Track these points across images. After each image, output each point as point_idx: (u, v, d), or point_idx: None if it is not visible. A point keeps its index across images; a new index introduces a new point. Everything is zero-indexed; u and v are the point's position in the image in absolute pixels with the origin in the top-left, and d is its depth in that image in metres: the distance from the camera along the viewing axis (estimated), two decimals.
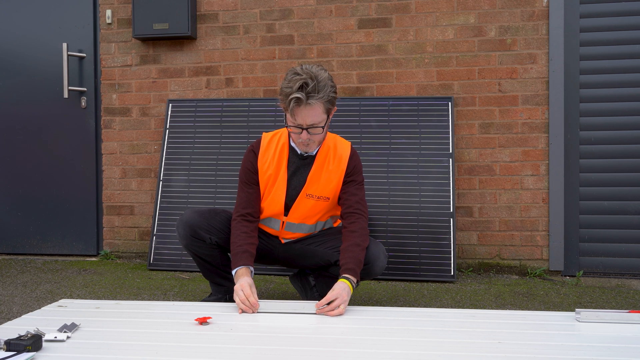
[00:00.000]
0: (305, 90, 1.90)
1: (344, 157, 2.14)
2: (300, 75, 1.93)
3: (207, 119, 3.50)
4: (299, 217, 2.18)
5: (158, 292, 2.77)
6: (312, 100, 1.91)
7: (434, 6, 3.36)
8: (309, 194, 2.12)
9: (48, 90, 3.75)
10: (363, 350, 1.48)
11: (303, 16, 3.50)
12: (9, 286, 2.90)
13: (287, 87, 1.94)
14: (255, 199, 2.15)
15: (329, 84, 1.96)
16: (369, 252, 2.08)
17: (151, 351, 1.47)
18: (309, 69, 1.95)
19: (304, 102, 1.91)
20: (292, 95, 1.91)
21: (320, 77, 1.93)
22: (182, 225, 2.19)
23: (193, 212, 2.21)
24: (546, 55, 3.24)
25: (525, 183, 3.26)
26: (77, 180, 3.74)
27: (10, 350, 1.40)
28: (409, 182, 3.17)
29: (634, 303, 2.62)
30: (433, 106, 3.28)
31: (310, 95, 1.91)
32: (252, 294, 1.87)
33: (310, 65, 1.99)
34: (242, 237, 2.07)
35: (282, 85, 1.98)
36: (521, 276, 3.21)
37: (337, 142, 2.17)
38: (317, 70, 1.96)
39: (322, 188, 2.12)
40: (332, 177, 2.12)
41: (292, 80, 1.93)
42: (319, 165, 2.12)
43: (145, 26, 3.54)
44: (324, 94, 1.93)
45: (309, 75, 1.92)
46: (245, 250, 2.04)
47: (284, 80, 1.98)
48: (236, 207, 2.15)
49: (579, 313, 1.77)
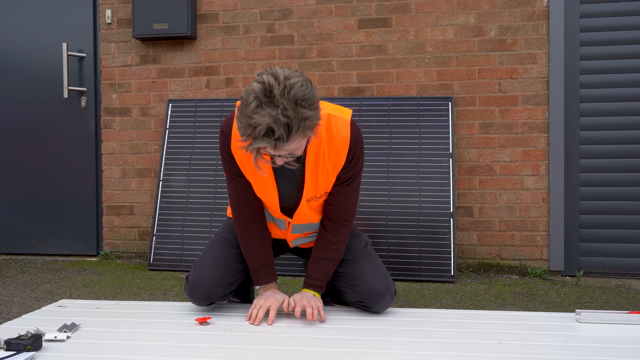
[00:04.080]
0: (273, 137, 1.41)
1: (342, 148, 1.69)
2: (263, 108, 1.40)
3: (207, 119, 3.50)
4: (304, 219, 1.89)
5: (158, 292, 2.77)
6: (285, 144, 1.45)
7: (434, 6, 3.36)
8: (309, 198, 1.79)
9: (48, 90, 3.75)
10: (363, 350, 1.48)
11: (303, 16, 3.50)
12: (9, 286, 2.90)
13: (249, 127, 1.42)
14: (249, 191, 1.80)
15: (307, 110, 1.43)
16: (372, 291, 1.82)
17: (151, 351, 1.47)
18: (273, 92, 1.40)
19: (272, 148, 1.46)
20: (255, 143, 1.43)
21: (288, 111, 1.40)
22: (197, 293, 1.86)
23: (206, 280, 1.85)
24: (546, 55, 3.24)
25: (525, 183, 3.27)
26: (77, 180, 3.74)
27: (10, 350, 1.41)
28: (409, 182, 3.17)
29: (634, 303, 2.62)
30: (433, 106, 3.28)
31: (279, 142, 1.43)
32: (269, 317, 1.74)
33: (282, 72, 1.45)
34: (254, 248, 1.84)
35: (241, 111, 1.44)
36: (521, 276, 3.21)
37: (331, 126, 1.68)
38: (291, 85, 1.42)
39: (322, 187, 1.77)
40: (330, 172, 1.74)
41: (255, 120, 1.40)
42: (312, 167, 1.72)
43: (145, 26, 3.54)
44: (302, 129, 1.44)
45: (275, 112, 1.39)
46: (263, 264, 1.84)
47: (242, 104, 1.44)
48: (232, 204, 1.84)
49: (579, 314, 1.77)
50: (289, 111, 1.41)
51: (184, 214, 3.36)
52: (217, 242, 1.99)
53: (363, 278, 1.84)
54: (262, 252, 1.85)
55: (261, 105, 1.41)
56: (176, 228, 3.34)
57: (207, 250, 1.97)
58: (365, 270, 1.86)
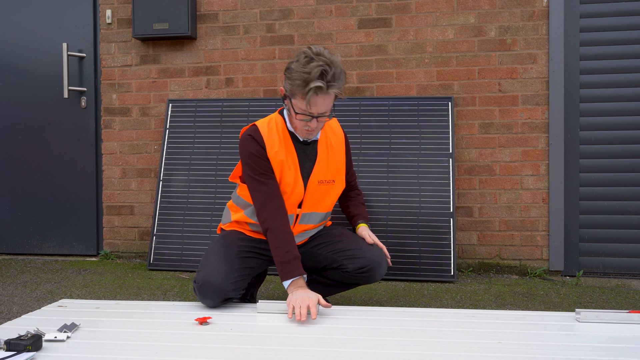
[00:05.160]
0: (325, 79, 1.79)
1: (337, 126, 2.13)
2: (315, 60, 1.79)
3: (207, 119, 3.50)
4: (311, 206, 2.06)
5: (158, 292, 2.77)
6: (332, 89, 1.82)
7: (434, 6, 3.36)
8: (320, 180, 2.03)
9: (48, 90, 3.75)
10: (363, 350, 1.48)
11: (303, 16, 3.50)
12: (9, 286, 2.90)
13: (304, 73, 1.79)
14: (278, 189, 1.96)
15: (342, 70, 1.86)
16: (371, 256, 2.04)
17: (151, 351, 1.47)
18: (321, 53, 1.82)
19: (324, 90, 1.80)
20: (312, 83, 1.78)
21: (335, 64, 1.81)
22: (209, 289, 1.88)
23: (214, 275, 1.89)
24: (546, 55, 3.24)
25: (525, 183, 3.26)
26: (77, 180, 3.74)
27: (10, 350, 1.40)
28: (409, 182, 3.17)
29: (634, 303, 2.62)
30: (433, 106, 3.28)
31: (330, 84, 1.80)
32: (312, 312, 1.74)
33: (319, 48, 1.84)
34: (289, 240, 1.89)
35: (293, 69, 1.83)
36: (521, 276, 3.21)
37: (326, 122, 2.07)
38: (329, 54, 1.83)
39: (331, 171, 2.05)
40: (337, 155, 2.07)
41: (309, 66, 1.78)
42: (323, 148, 2.04)
43: (145, 26, 3.54)
44: (341, 82, 1.84)
45: (325, 60, 1.80)
46: (296, 256, 1.87)
47: (295, 63, 1.84)
48: (263, 202, 1.92)
49: (579, 313, 1.77)
50: (335, 64, 1.82)
51: (184, 214, 3.36)
52: (218, 245, 2.03)
53: (360, 247, 2.08)
54: (293, 246, 1.90)
55: (312, 59, 1.80)
56: (176, 228, 3.34)
57: (209, 254, 2.00)
58: (360, 243, 2.11)
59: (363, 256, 2.04)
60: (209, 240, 3.27)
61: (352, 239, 2.12)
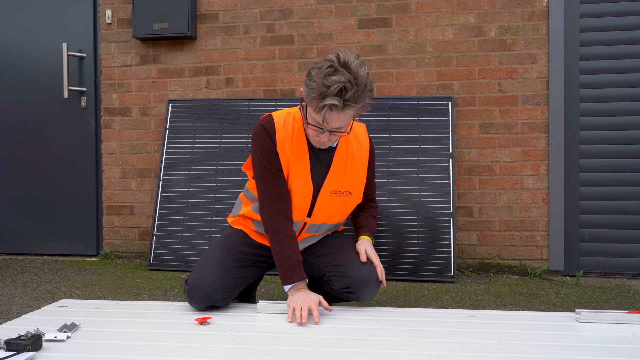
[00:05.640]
0: (343, 97, 1.65)
1: (363, 133, 1.96)
2: (339, 73, 1.64)
3: (207, 119, 3.50)
4: (321, 218, 1.97)
5: (158, 292, 2.77)
6: (349, 109, 1.69)
7: (434, 6, 3.36)
8: (333, 190, 1.91)
9: (48, 90, 3.75)
10: (363, 350, 1.48)
11: (303, 16, 3.50)
12: (9, 286, 2.90)
13: (323, 86, 1.65)
14: (285, 187, 1.87)
15: (368, 87, 1.69)
16: (358, 276, 1.89)
17: (151, 351, 1.47)
18: (348, 65, 1.65)
19: (340, 109, 1.67)
20: (328, 100, 1.65)
21: (360, 79, 1.65)
22: (197, 294, 1.86)
23: (206, 281, 1.86)
24: (546, 55, 3.24)
25: (525, 183, 3.26)
26: (77, 180, 3.74)
27: (10, 350, 1.40)
28: (409, 182, 3.17)
29: (634, 303, 2.62)
30: (433, 106, 3.28)
31: (348, 104, 1.67)
32: (314, 315, 1.73)
33: (347, 56, 1.67)
34: (289, 244, 1.84)
35: (314, 76, 1.68)
36: (521, 276, 3.21)
37: (354, 127, 1.94)
38: (356, 66, 1.66)
39: (347, 181, 1.92)
40: (358, 165, 1.93)
41: (330, 79, 1.64)
42: (341, 156, 1.91)
43: (145, 26, 3.54)
44: (362, 102, 1.69)
45: (349, 77, 1.64)
46: (297, 260, 1.83)
47: (317, 70, 1.69)
48: (267, 201, 1.87)
49: (579, 313, 1.77)
50: (360, 80, 1.66)
51: (184, 214, 3.36)
52: (218, 248, 2.00)
53: (350, 264, 1.92)
54: (295, 249, 1.85)
55: (337, 70, 1.65)
56: (176, 228, 3.34)
57: (207, 255, 1.98)
58: (352, 259, 1.94)
59: (350, 275, 1.90)
60: (209, 240, 3.27)
61: (346, 254, 1.97)
